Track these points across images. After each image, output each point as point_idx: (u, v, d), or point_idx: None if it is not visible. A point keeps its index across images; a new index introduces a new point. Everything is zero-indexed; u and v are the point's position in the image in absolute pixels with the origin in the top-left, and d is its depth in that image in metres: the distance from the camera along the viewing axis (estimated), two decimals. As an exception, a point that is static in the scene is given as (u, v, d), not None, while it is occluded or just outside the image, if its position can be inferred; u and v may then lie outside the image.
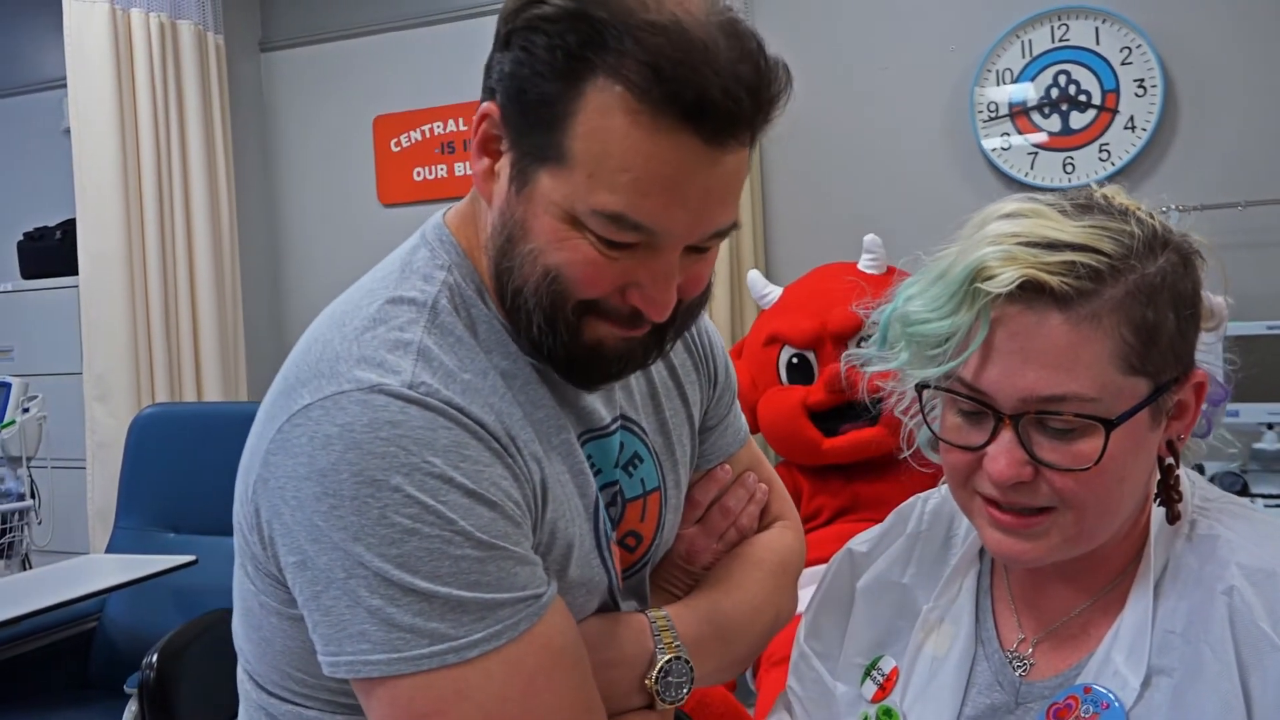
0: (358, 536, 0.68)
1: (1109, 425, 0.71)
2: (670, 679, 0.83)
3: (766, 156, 2.90)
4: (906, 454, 0.86)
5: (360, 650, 0.69)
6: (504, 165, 0.75)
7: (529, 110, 0.71)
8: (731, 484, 0.97)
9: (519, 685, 0.71)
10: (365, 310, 0.76)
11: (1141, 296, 0.72)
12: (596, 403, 0.85)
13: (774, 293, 2.55)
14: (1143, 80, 2.55)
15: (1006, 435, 0.73)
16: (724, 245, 2.64)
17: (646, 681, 0.83)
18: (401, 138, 3.26)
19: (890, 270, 2.49)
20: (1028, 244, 0.72)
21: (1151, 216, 0.76)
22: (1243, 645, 0.71)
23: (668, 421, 0.92)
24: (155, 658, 1.54)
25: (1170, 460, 0.78)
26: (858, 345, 2.33)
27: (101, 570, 2.22)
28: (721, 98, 0.68)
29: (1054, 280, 0.70)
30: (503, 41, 0.73)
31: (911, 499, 0.96)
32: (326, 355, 0.74)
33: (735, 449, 1.00)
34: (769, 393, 2.42)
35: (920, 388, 0.78)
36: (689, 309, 0.79)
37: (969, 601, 0.86)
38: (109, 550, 2.49)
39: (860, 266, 2.48)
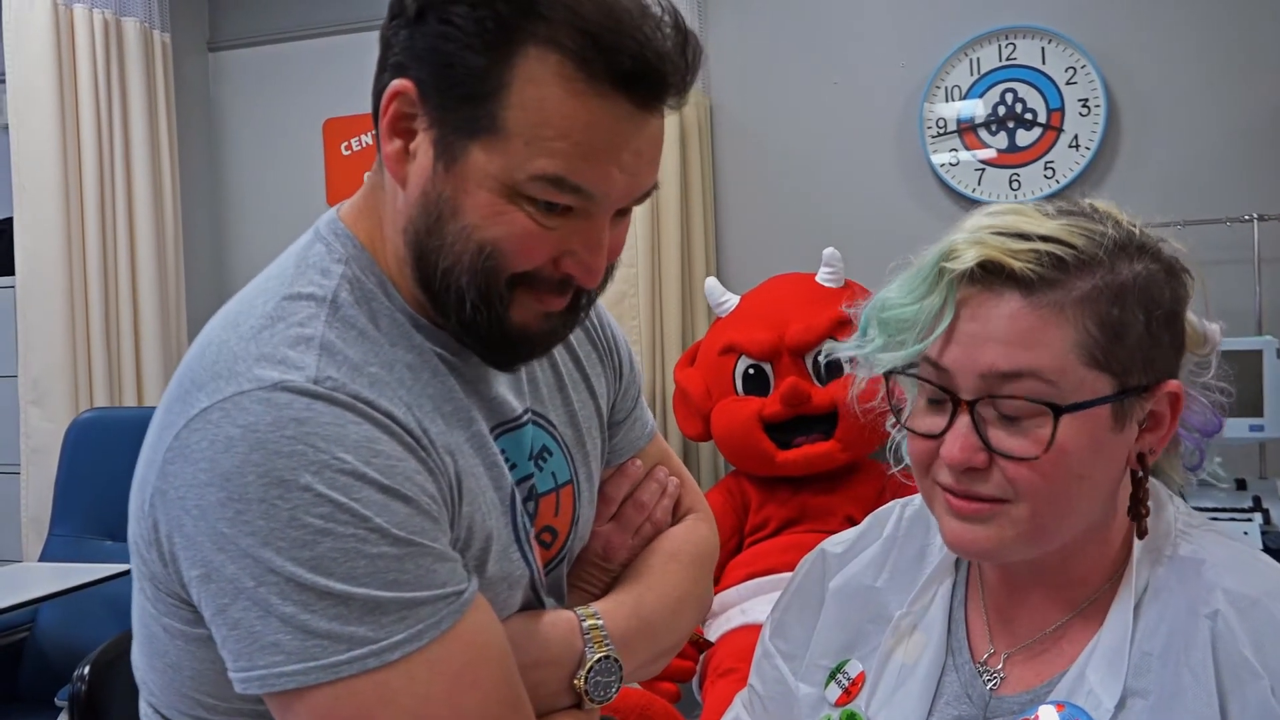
0: (267, 541, 0.66)
1: (1058, 410, 0.71)
2: (600, 678, 0.82)
3: (720, 165, 2.92)
4: (895, 470, 0.87)
5: (274, 662, 0.66)
6: (422, 144, 0.73)
7: (456, 84, 0.70)
8: (643, 479, 0.97)
9: (443, 685, 0.69)
10: (261, 308, 0.74)
11: (1109, 294, 0.72)
12: (507, 394, 0.84)
13: (731, 301, 2.57)
14: (1087, 100, 2.61)
15: (963, 420, 0.73)
16: (675, 252, 2.69)
17: (576, 681, 0.81)
18: (352, 141, 3.22)
19: (848, 284, 2.52)
20: (998, 233, 0.74)
21: (1134, 225, 0.77)
22: (1224, 670, 0.71)
23: (577, 414, 0.91)
24: (87, 670, 1.50)
25: (1141, 473, 0.78)
26: (815, 359, 2.38)
27: (34, 579, 2.16)
28: (654, 64, 0.70)
29: (1016, 264, 0.72)
30: (413, 16, 0.71)
31: (890, 503, 0.95)
32: (223, 356, 0.71)
33: (644, 443, 1.00)
34: (724, 403, 2.43)
35: (889, 374, 0.79)
36: (604, 279, 0.79)
37: (942, 610, 0.85)
38: (42, 558, 2.43)
39: (818, 279, 2.50)
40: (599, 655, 0.82)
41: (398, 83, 0.72)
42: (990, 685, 0.81)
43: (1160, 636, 0.74)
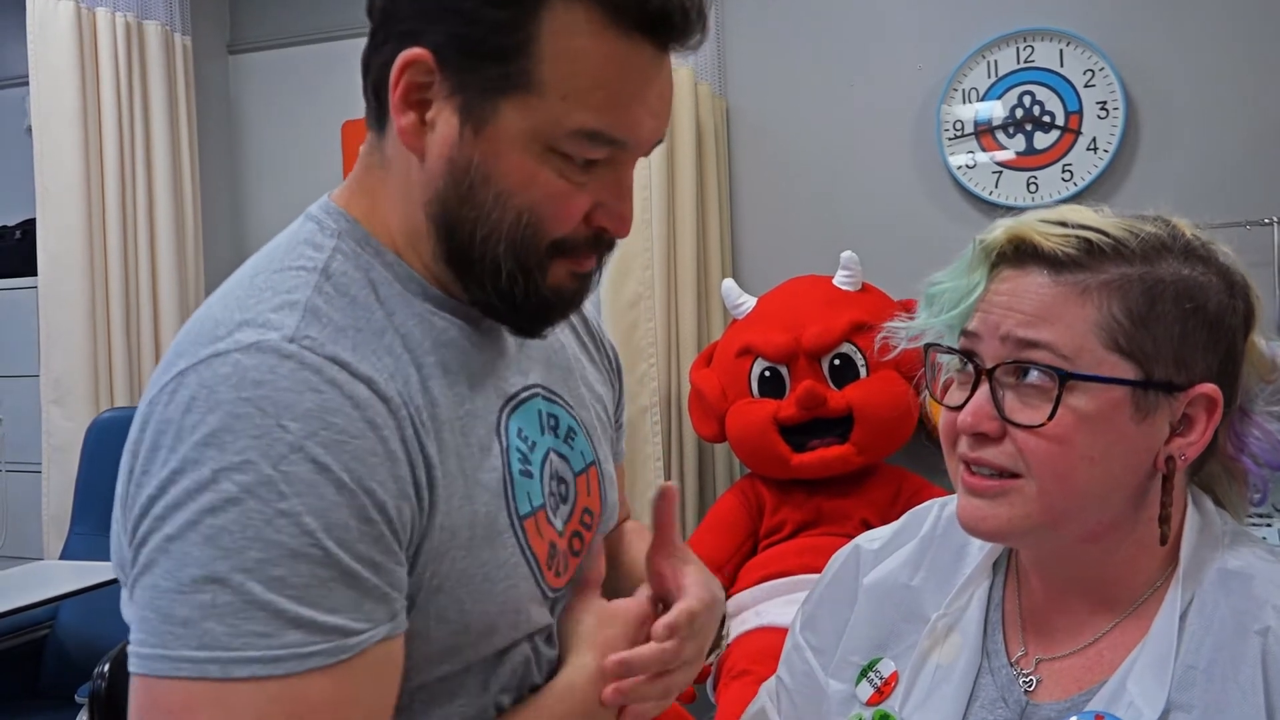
0: (178, 503, 0.62)
1: (1064, 376, 0.72)
2: None
3: (736, 167, 2.92)
4: None
5: (137, 640, 0.62)
6: (443, 111, 0.70)
7: (479, 42, 0.68)
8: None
9: None
10: (250, 282, 0.72)
11: (1141, 285, 0.74)
12: (514, 367, 0.82)
13: (748, 303, 2.56)
14: (1105, 103, 2.60)
15: (983, 389, 0.76)
16: (691, 253, 2.70)
17: None
18: (370, 143, 3.24)
19: (865, 287, 2.51)
20: (1043, 220, 0.77)
21: (1197, 236, 0.78)
22: (1274, 688, 0.70)
23: (585, 398, 0.91)
24: (107, 667, 1.51)
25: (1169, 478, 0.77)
26: (832, 362, 2.38)
27: (55, 577, 2.19)
28: (681, 5, 0.70)
29: (1046, 243, 0.75)
30: None
31: (928, 502, 0.95)
32: (207, 324, 0.69)
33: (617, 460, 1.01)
34: (739, 404, 2.43)
35: (928, 348, 0.82)
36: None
37: (979, 613, 0.85)
38: (63, 556, 2.46)
39: (835, 282, 2.50)
40: None
41: (410, 51, 0.69)
42: (1026, 690, 0.81)
43: (1206, 650, 0.73)
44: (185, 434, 0.63)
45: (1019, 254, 0.77)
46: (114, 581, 1.96)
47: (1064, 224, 0.76)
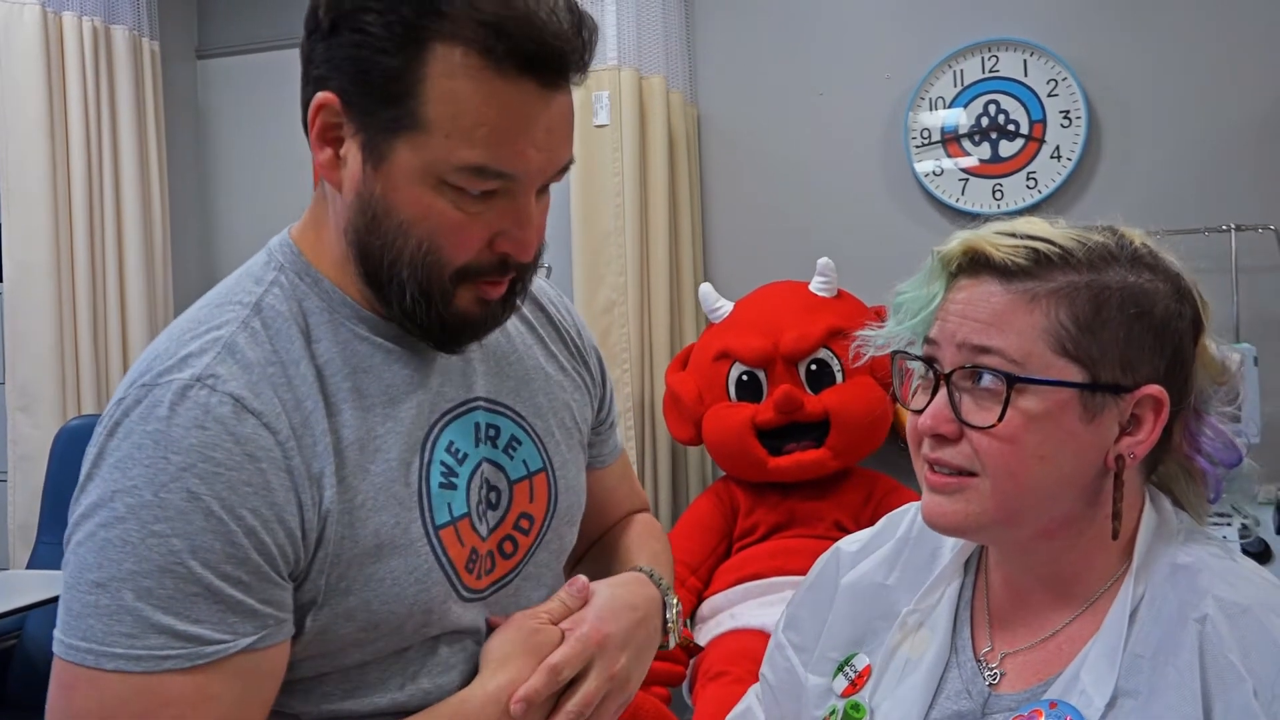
0: (87, 514, 0.73)
1: (1012, 380, 0.76)
2: None
3: (707, 174, 2.95)
4: None
5: (57, 619, 0.73)
6: (351, 149, 0.77)
7: (375, 87, 0.75)
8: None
9: None
10: (197, 314, 0.81)
11: (1088, 292, 0.77)
12: (453, 382, 0.87)
13: (725, 307, 2.59)
14: (1068, 112, 2.65)
15: (941, 393, 0.80)
16: (664, 259, 2.72)
17: None
18: (341, 149, 3.23)
19: (841, 293, 2.54)
20: (997, 231, 0.81)
21: (1145, 245, 0.82)
22: (1209, 673, 0.73)
23: (543, 406, 0.94)
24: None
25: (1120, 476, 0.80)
26: (809, 367, 2.41)
27: (22, 587, 2.17)
28: (554, 45, 0.74)
29: (996, 254, 0.78)
30: (327, 29, 0.76)
31: (906, 506, 0.99)
32: (148, 357, 0.78)
33: (610, 460, 1.07)
34: (716, 408, 2.45)
35: (895, 355, 0.86)
36: (536, 255, 0.83)
37: (948, 609, 0.89)
38: (30, 566, 2.43)
39: (812, 288, 2.53)
40: None
41: (321, 95, 0.77)
42: (990, 682, 0.84)
43: (1153, 640, 0.77)
44: (106, 455, 0.73)
45: (973, 264, 0.81)
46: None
47: (1014, 235, 0.80)
